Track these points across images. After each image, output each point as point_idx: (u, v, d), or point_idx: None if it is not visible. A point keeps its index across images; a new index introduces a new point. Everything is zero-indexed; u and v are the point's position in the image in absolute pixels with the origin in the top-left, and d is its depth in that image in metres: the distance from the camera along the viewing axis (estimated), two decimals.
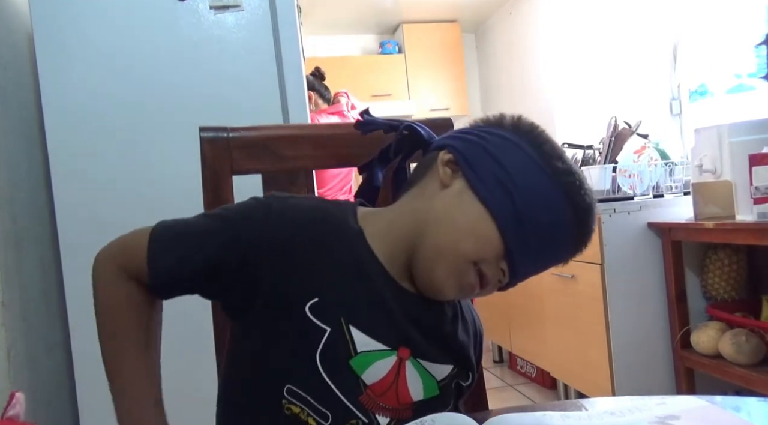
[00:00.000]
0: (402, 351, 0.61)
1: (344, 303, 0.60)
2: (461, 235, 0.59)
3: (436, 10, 4.07)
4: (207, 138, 0.81)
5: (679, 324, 2.02)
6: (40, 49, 1.40)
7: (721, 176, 1.78)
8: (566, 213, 0.59)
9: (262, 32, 1.51)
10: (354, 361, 0.59)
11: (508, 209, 0.58)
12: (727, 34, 2.45)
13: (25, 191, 1.40)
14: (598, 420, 0.49)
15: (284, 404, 0.58)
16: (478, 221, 0.59)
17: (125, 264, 0.65)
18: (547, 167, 0.60)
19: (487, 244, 0.58)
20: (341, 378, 0.58)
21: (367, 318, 0.60)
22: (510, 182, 0.58)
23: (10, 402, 0.51)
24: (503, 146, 0.61)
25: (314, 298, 0.59)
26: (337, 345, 0.58)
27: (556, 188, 0.59)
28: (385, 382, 0.60)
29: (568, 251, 0.62)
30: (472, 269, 0.59)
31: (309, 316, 0.58)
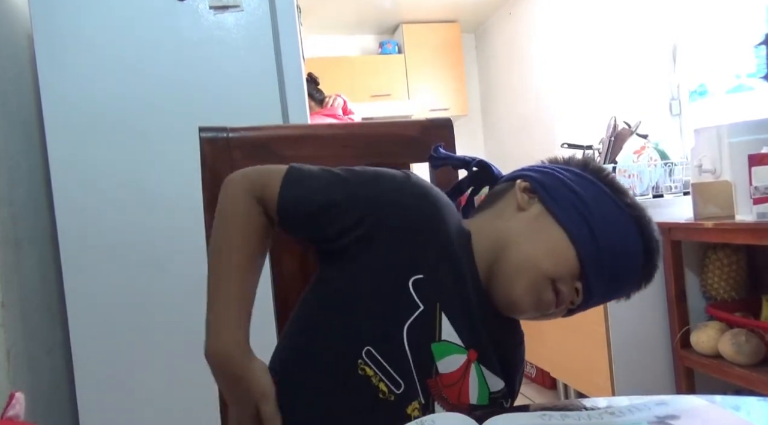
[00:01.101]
0: (471, 353, 0.63)
1: (443, 289, 0.62)
2: (541, 253, 0.63)
3: (435, 10, 4.07)
4: (207, 138, 0.81)
5: (678, 323, 2.02)
6: (40, 50, 1.40)
7: (720, 176, 1.78)
8: (637, 245, 0.64)
9: (262, 32, 1.51)
10: (435, 346, 0.61)
11: (584, 233, 0.63)
12: (727, 35, 2.45)
13: (24, 192, 1.40)
14: (597, 419, 0.49)
15: (359, 363, 0.60)
16: (557, 241, 0.63)
17: (257, 185, 0.65)
18: (620, 201, 0.65)
19: (566, 263, 0.63)
20: (419, 357, 0.60)
21: (457, 310, 0.63)
22: (586, 210, 0.63)
23: (10, 402, 0.51)
24: (577, 178, 0.67)
25: (419, 274, 0.61)
26: (426, 325, 0.61)
27: (629, 220, 0.64)
28: (454, 376, 0.62)
29: (635, 284, 0.67)
30: (550, 286, 0.63)
31: (410, 289, 0.61)
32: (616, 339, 2.08)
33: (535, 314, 0.65)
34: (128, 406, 1.42)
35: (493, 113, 4.45)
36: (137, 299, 1.44)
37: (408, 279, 0.61)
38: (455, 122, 0.95)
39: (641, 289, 0.68)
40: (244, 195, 0.65)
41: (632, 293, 0.68)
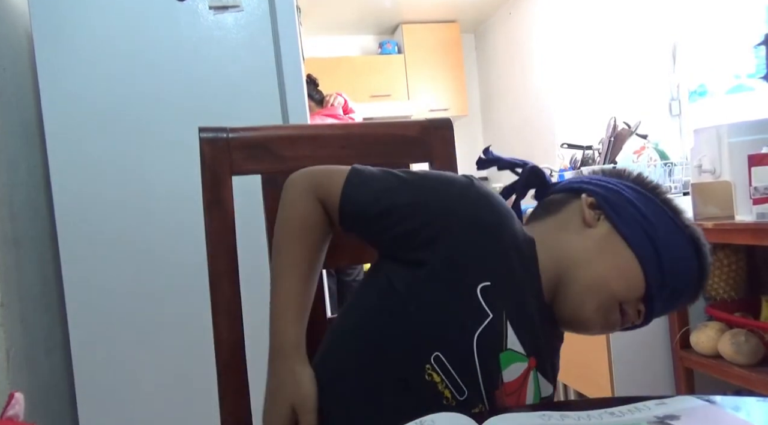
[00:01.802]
0: (532, 360, 0.64)
1: (509, 297, 0.63)
2: (613, 276, 0.64)
3: (435, 10, 4.07)
4: (206, 138, 0.81)
5: (678, 324, 2.02)
6: (40, 50, 1.40)
7: (720, 176, 1.78)
8: (695, 265, 0.66)
9: (262, 32, 1.51)
10: (503, 356, 0.61)
11: (651, 256, 0.64)
12: (727, 35, 2.45)
13: (24, 192, 1.40)
14: (597, 420, 0.49)
15: (427, 369, 0.60)
16: (627, 263, 0.64)
17: (319, 185, 0.67)
18: (678, 219, 0.67)
19: (636, 286, 0.64)
20: (487, 366, 0.61)
21: (521, 319, 0.63)
22: (651, 229, 0.64)
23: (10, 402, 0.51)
24: (638, 195, 0.67)
25: (486, 281, 0.61)
26: (494, 333, 0.61)
27: (687, 240, 0.66)
28: (515, 384, 0.63)
29: (688, 300, 0.69)
30: (618, 308, 0.65)
31: (479, 297, 0.61)
32: (616, 339, 2.07)
33: (603, 331, 0.68)
34: (128, 406, 1.42)
35: (492, 113, 4.45)
36: (137, 299, 1.44)
37: (476, 286, 0.61)
38: (455, 122, 0.95)
39: (690, 305, 0.71)
40: (305, 195, 0.66)
41: (682, 308, 0.72)
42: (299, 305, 0.65)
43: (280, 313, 0.65)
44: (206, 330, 0.81)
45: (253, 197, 0.85)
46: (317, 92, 2.95)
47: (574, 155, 2.69)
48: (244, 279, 0.80)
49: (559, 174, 2.72)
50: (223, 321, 0.79)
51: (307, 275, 0.67)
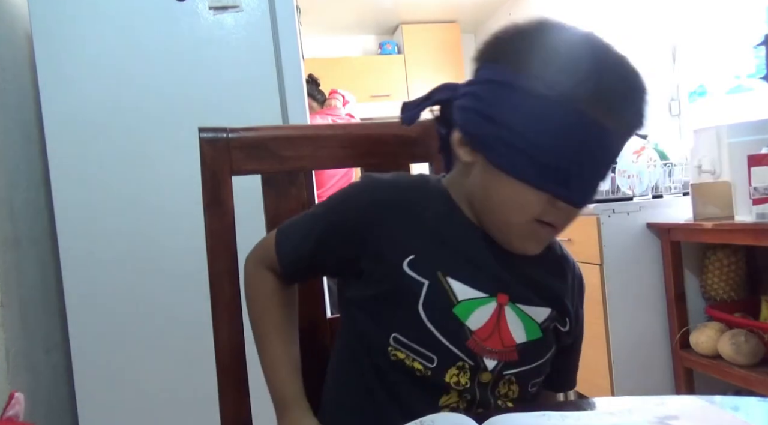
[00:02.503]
0: (500, 297, 0.65)
1: (440, 257, 0.65)
2: (509, 209, 0.62)
3: (435, 10, 4.07)
4: (206, 139, 0.81)
5: (678, 324, 2.03)
6: (39, 50, 1.40)
7: (720, 176, 1.78)
8: (591, 126, 0.58)
9: (262, 33, 1.51)
10: (457, 309, 0.63)
11: (533, 167, 0.59)
12: (726, 35, 2.45)
13: (24, 192, 1.40)
14: (597, 420, 0.49)
15: (390, 351, 0.64)
16: (514, 193, 0.61)
17: (263, 259, 0.74)
18: (552, 92, 0.58)
19: (534, 203, 0.61)
20: (446, 326, 0.63)
21: (464, 269, 0.65)
22: (521, 140, 0.59)
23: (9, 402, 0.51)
24: (500, 99, 0.61)
25: (411, 255, 0.64)
26: (438, 295, 0.63)
27: (568, 114, 0.57)
28: (488, 327, 0.64)
29: (620, 138, 0.61)
30: (538, 224, 0.62)
31: (407, 271, 0.64)
32: (615, 339, 2.08)
33: (542, 246, 0.66)
34: (127, 406, 1.42)
35: None
36: (137, 299, 1.44)
37: (401, 264, 0.64)
38: None
39: (640, 126, 0.62)
40: (256, 270, 0.74)
41: (629, 134, 0.62)
42: (290, 361, 0.72)
43: (275, 372, 0.71)
44: (206, 330, 0.81)
45: (253, 197, 0.85)
46: (319, 93, 2.93)
47: None
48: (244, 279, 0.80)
49: None
50: (223, 321, 0.79)
51: (289, 333, 0.74)
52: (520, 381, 0.66)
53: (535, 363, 0.67)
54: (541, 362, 0.68)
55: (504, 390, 0.66)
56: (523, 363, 0.66)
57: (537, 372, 0.68)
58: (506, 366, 0.65)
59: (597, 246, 2.08)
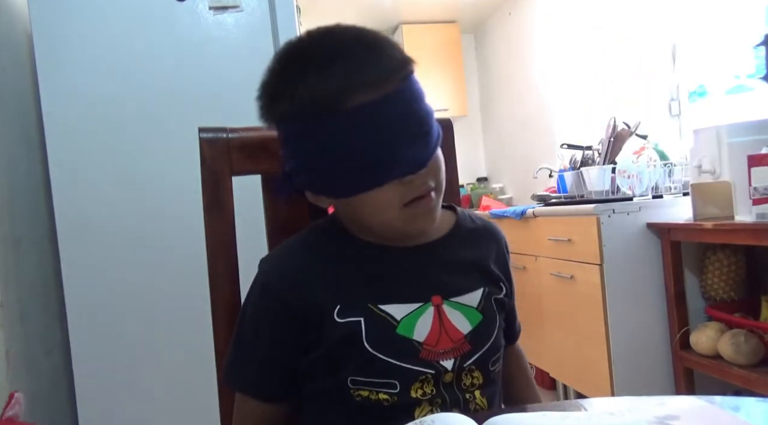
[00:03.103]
0: (434, 299, 0.67)
1: (364, 291, 0.66)
2: (381, 213, 0.64)
3: (435, 10, 4.07)
4: (206, 139, 0.81)
5: (678, 324, 2.02)
6: (39, 50, 1.40)
7: (720, 176, 1.78)
8: (357, 113, 0.59)
9: (262, 33, 1.51)
10: (399, 329, 0.64)
11: (363, 175, 0.61)
12: (726, 35, 2.45)
13: (24, 192, 1.40)
14: (597, 420, 0.49)
15: (353, 393, 0.64)
16: (372, 201, 0.63)
17: (241, 420, 0.71)
18: (312, 117, 0.61)
19: (391, 196, 0.62)
20: (395, 350, 0.64)
21: (390, 290, 0.66)
22: (338, 166, 0.61)
23: (9, 402, 0.51)
24: (296, 147, 0.65)
25: (337, 305, 0.65)
26: (378, 325, 0.64)
27: (335, 121, 0.60)
28: (434, 333, 0.65)
29: (396, 94, 0.61)
30: (410, 205, 0.63)
31: (340, 321, 0.64)
32: (615, 339, 2.08)
33: (430, 218, 0.66)
34: (127, 406, 1.42)
35: (492, 113, 4.45)
36: (137, 299, 1.44)
37: (333, 318, 0.64)
38: (455, 122, 0.95)
39: (400, 69, 0.62)
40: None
41: (395, 82, 0.61)
42: None
43: None
44: (206, 330, 0.81)
45: (253, 197, 0.85)
46: None
47: (574, 156, 2.69)
48: (244, 279, 0.80)
49: (559, 174, 2.72)
50: (223, 321, 0.79)
51: None
52: (481, 366, 0.68)
53: (488, 343, 0.69)
54: (492, 340, 0.69)
55: (468, 381, 0.67)
56: (477, 348, 0.67)
57: (493, 351, 0.70)
58: (463, 359, 0.66)
59: (597, 246, 2.08)
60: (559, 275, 2.36)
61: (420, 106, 0.63)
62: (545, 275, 2.50)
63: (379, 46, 0.63)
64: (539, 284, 2.55)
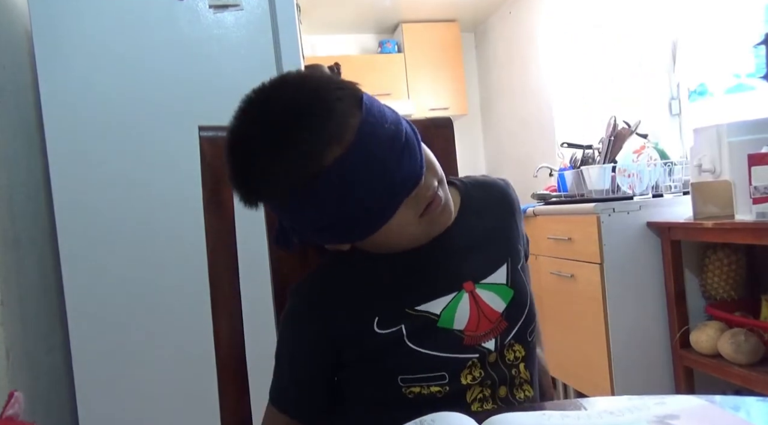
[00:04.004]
0: (467, 285, 0.68)
1: (397, 299, 0.67)
2: (403, 235, 0.66)
3: (435, 9, 4.07)
4: (206, 137, 0.81)
5: (678, 323, 2.03)
6: (39, 49, 1.40)
7: (720, 175, 1.78)
8: (342, 164, 0.59)
9: (262, 31, 1.51)
10: (441, 322, 0.66)
11: (376, 209, 0.61)
12: (727, 34, 2.44)
13: (24, 191, 1.40)
14: (597, 419, 0.49)
15: (404, 390, 0.65)
16: (389, 229, 0.63)
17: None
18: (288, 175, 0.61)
19: (405, 215, 0.63)
20: (439, 342, 0.65)
21: (423, 289, 0.67)
22: (350, 212, 0.61)
23: (9, 402, 0.51)
24: (298, 214, 0.65)
25: (375, 318, 0.66)
26: (418, 325, 0.65)
27: (317, 172, 0.59)
28: (473, 318, 0.67)
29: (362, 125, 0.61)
30: (421, 219, 0.65)
31: (380, 332, 0.66)
32: (615, 339, 2.08)
33: (443, 215, 0.67)
34: (128, 406, 1.42)
35: (492, 113, 4.45)
36: (137, 298, 1.44)
37: (373, 331, 0.65)
38: (455, 121, 0.95)
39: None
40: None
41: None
42: None
43: None
44: (206, 330, 0.81)
45: None
46: None
47: (574, 155, 2.69)
48: (244, 279, 0.80)
49: (559, 173, 2.72)
50: (223, 320, 0.79)
51: None
52: (520, 339, 0.69)
53: (523, 316, 0.70)
54: (526, 312, 0.71)
55: (511, 356, 0.68)
56: (514, 323, 0.69)
57: (528, 321, 0.71)
58: (503, 337, 0.68)
59: (597, 245, 2.08)
60: (559, 274, 2.36)
61: (386, 121, 0.62)
62: (545, 274, 2.50)
63: (325, 95, 0.61)
64: (539, 283, 2.55)
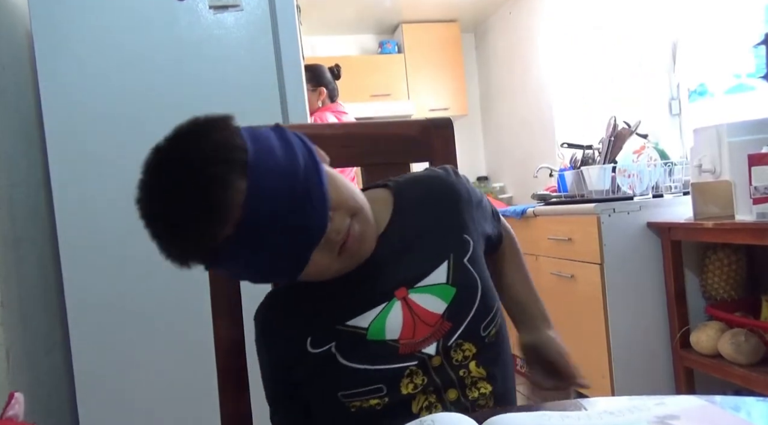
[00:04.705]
0: (397, 292, 0.65)
1: (328, 317, 0.66)
2: (323, 271, 0.64)
3: (435, 9, 4.07)
4: None
5: (678, 323, 2.03)
6: (40, 49, 1.40)
7: (720, 175, 1.78)
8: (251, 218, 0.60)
9: (262, 32, 1.51)
10: (370, 335, 0.64)
11: (290, 254, 0.61)
12: (726, 34, 2.45)
13: (24, 191, 1.40)
14: (597, 420, 0.49)
15: (347, 405, 0.65)
16: (309, 269, 0.63)
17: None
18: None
19: (320, 257, 0.61)
20: (371, 355, 0.64)
21: (351, 303, 0.66)
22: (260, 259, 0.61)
23: (9, 402, 0.51)
24: (227, 263, 0.68)
25: (308, 338, 0.66)
26: (349, 341, 0.65)
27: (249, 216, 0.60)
28: (407, 325, 0.64)
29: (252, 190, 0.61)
30: (339, 256, 0.63)
31: (313, 352, 0.66)
32: (615, 338, 2.08)
33: (357, 245, 0.64)
34: (128, 406, 1.42)
35: (492, 113, 4.45)
36: (137, 299, 1.44)
37: (306, 350, 0.66)
38: (455, 121, 0.95)
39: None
40: None
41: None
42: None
43: None
44: (206, 330, 0.81)
45: None
46: (336, 89, 2.79)
47: (574, 155, 2.69)
48: None
49: (560, 174, 2.72)
50: (223, 321, 0.79)
51: None
52: (471, 337, 0.66)
53: (471, 312, 0.66)
54: (476, 306, 0.67)
55: (459, 356, 0.65)
56: (460, 322, 0.66)
57: (481, 316, 0.67)
58: (446, 338, 0.65)
59: (597, 246, 2.08)
60: (559, 274, 2.36)
61: (281, 175, 0.60)
62: (545, 275, 2.50)
63: (203, 177, 0.61)
64: (539, 284, 2.53)
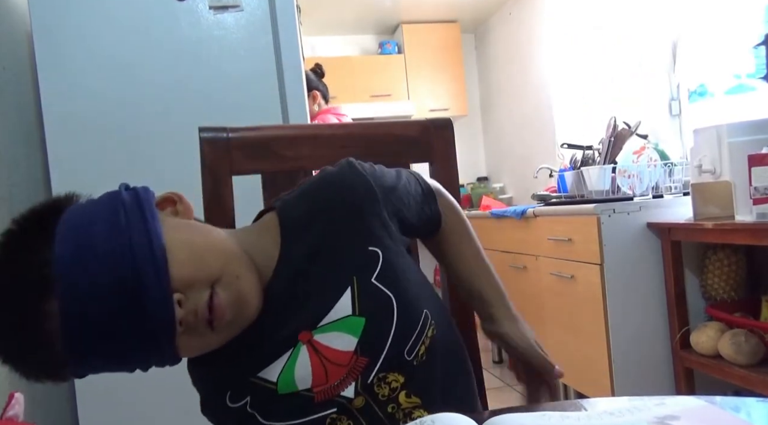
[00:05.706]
0: (302, 336, 0.60)
1: (240, 369, 0.62)
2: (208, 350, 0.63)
3: (435, 10, 4.07)
4: (206, 138, 0.81)
5: (678, 324, 2.02)
6: (40, 49, 1.40)
7: (720, 176, 1.78)
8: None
9: (262, 32, 1.51)
10: (280, 389, 0.59)
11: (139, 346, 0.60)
12: (727, 35, 2.45)
13: (24, 191, 1.40)
14: (597, 420, 0.49)
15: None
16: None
17: None
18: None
19: (193, 346, 0.61)
20: (285, 411, 0.59)
21: (257, 356, 0.61)
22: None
23: (9, 403, 0.51)
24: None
25: (228, 391, 0.62)
26: (261, 396, 0.60)
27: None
28: (317, 371, 0.59)
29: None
30: (217, 332, 0.58)
31: (232, 407, 0.61)
32: (615, 339, 2.08)
33: (219, 319, 0.57)
34: (128, 406, 1.42)
35: (492, 113, 4.45)
36: None
37: (227, 406, 0.62)
38: (455, 122, 0.95)
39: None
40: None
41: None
42: None
43: None
44: None
45: (253, 197, 0.85)
46: (324, 86, 2.81)
47: (574, 155, 2.69)
48: None
49: (559, 174, 2.72)
50: None
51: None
52: (394, 366, 0.60)
53: (388, 339, 0.60)
54: (393, 331, 0.60)
55: (385, 391, 0.60)
56: (377, 354, 0.59)
57: (402, 339, 0.60)
58: (365, 376, 0.59)
59: (597, 246, 2.07)
60: (559, 274, 2.36)
61: (94, 273, 0.53)
62: (545, 275, 2.50)
63: (13, 301, 0.54)
64: (539, 284, 2.55)
